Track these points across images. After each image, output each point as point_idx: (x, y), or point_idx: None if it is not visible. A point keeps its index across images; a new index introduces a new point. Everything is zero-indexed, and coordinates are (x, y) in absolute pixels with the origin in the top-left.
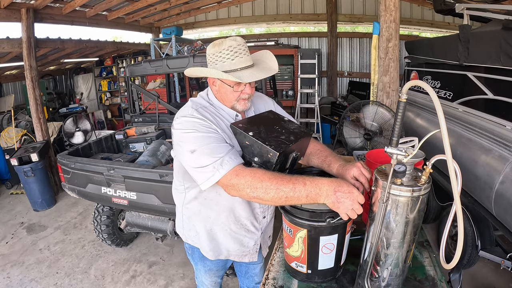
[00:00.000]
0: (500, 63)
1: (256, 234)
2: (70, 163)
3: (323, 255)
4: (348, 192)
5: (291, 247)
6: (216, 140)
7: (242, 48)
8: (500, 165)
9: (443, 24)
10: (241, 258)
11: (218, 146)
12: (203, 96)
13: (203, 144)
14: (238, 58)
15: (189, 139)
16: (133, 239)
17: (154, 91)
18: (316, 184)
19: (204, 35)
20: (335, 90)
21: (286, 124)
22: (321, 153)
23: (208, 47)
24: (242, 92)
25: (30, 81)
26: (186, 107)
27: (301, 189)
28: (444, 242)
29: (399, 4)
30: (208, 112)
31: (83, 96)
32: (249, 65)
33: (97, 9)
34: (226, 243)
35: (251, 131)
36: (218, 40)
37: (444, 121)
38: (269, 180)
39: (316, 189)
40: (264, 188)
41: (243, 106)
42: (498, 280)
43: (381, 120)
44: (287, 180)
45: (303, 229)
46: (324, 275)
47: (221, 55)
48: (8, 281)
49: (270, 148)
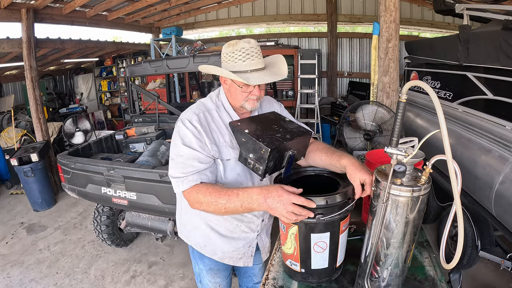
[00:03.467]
0: (500, 63)
1: (251, 235)
2: (70, 163)
3: (315, 253)
4: (277, 196)
5: (285, 244)
6: (192, 156)
7: (255, 51)
8: (500, 165)
9: (443, 24)
10: (236, 262)
11: (190, 165)
12: (212, 97)
13: (179, 156)
14: (250, 60)
15: (174, 144)
16: (133, 239)
17: (154, 91)
18: (248, 194)
19: (204, 36)
20: (335, 90)
21: (285, 124)
22: (328, 149)
23: (223, 46)
24: (250, 93)
25: (30, 81)
26: (190, 109)
27: (235, 200)
28: (444, 242)
29: (399, 4)
30: (210, 115)
31: (83, 96)
32: (260, 68)
33: (97, 9)
34: (221, 243)
35: (247, 129)
36: (234, 41)
37: (444, 121)
38: (209, 194)
39: (248, 198)
40: (207, 203)
41: (252, 105)
42: (498, 280)
43: (381, 120)
44: (224, 193)
45: (294, 226)
46: (318, 275)
47: (234, 55)
48: (8, 281)
49: (263, 144)
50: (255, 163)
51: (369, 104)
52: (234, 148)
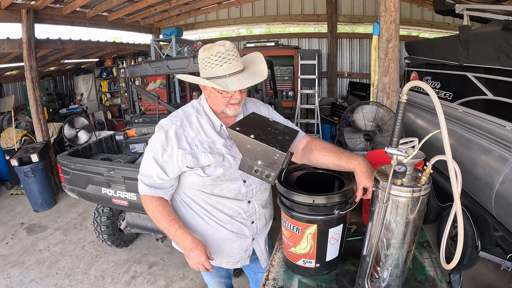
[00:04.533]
0: (500, 64)
1: (247, 240)
2: (70, 163)
3: (331, 246)
4: (197, 255)
5: (297, 246)
6: (153, 169)
7: (231, 53)
8: (500, 165)
9: (443, 24)
10: (234, 265)
11: (149, 176)
12: (193, 103)
13: (145, 160)
14: (227, 64)
15: (147, 149)
16: (133, 239)
17: (154, 92)
18: (184, 235)
19: (204, 36)
20: (335, 91)
21: (274, 124)
22: (335, 149)
23: (199, 50)
24: (231, 98)
25: (30, 82)
26: (170, 116)
27: (173, 231)
28: (444, 243)
29: (399, 4)
30: (189, 122)
31: (83, 96)
32: (238, 70)
33: (97, 10)
34: (217, 248)
35: (250, 133)
36: (208, 45)
37: (444, 122)
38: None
39: (182, 238)
40: (152, 215)
41: (233, 111)
42: (498, 280)
43: (381, 121)
44: (169, 220)
45: (313, 225)
46: (330, 266)
47: (210, 61)
48: (8, 281)
49: (276, 149)
50: (265, 170)
51: (369, 104)
52: (213, 154)
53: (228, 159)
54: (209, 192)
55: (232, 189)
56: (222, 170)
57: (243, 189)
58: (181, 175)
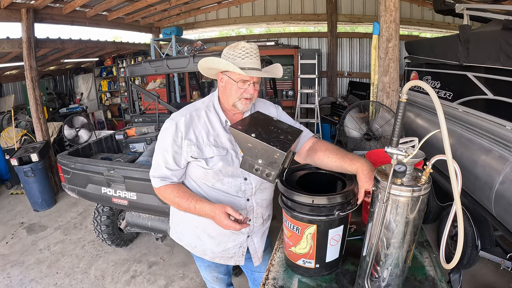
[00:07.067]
0: (500, 63)
1: (241, 237)
2: (70, 163)
3: (330, 247)
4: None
5: (297, 245)
6: (168, 157)
7: (254, 51)
8: (500, 165)
9: (443, 24)
10: (227, 261)
11: (159, 168)
12: (205, 99)
13: (156, 153)
14: (248, 59)
15: (158, 140)
16: (133, 239)
17: (154, 91)
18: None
19: (204, 35)
20: (335, 90)
21: (277, 124)
22: (338, 151)
23: (225, 48)
24: (245, 91)
25: (30, 81)
26: (182, 109)
27: (193, 203)
28: (444, 242)
29: (399, 4)
30: (197, 116)
31: (83, 96)
32: (257, 67)
33: (97, 9)
34: (211, 243)
35: (251, 132)
36: (236, 42)
37: (444, 121)
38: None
39: (202, 207)
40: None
41: (244, 105)
42: (498, 280)
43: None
44: (186, 197)
45: (312, 225)
46: (330, 267)
47: (234, 53)
48: (8, 281)
49: (276, 148)
50: (265, 169)
51: (368, 104)
52: (217, 147)
53: (231, 153)
54: (211, 185)
55: (233, 185)
56: (222, 163)
57: (243, 186)
58: (187, 166)
